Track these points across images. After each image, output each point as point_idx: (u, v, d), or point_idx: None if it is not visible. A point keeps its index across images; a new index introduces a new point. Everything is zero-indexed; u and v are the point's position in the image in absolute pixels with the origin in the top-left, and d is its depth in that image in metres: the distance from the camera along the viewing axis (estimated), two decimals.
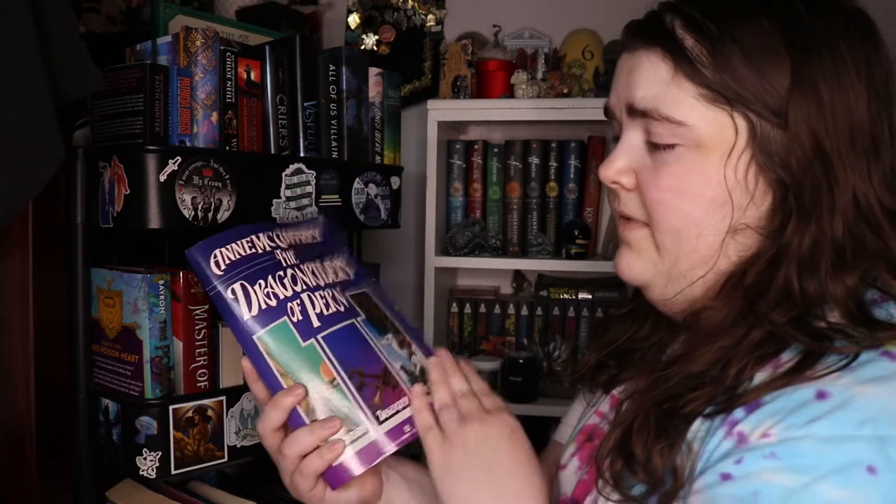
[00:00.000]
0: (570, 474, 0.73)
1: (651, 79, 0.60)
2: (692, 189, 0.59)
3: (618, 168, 0.64)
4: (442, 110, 1.78)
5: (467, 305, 1.91)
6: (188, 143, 1.02)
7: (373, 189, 1.28)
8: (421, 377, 0.73)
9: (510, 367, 1.76)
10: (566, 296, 1.87)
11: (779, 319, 0.55)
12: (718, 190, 0.58)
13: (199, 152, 1.01)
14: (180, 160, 0.98)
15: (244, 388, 1.10)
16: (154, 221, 0.97)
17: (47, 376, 0.98)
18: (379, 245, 1.94)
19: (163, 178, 0.97)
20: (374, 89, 1.29)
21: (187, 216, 0.99)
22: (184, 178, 0.99)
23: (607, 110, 0.67)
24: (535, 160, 1.85)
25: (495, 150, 1.88)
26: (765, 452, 0.50)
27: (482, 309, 1.91)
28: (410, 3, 2.01)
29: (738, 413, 0.53)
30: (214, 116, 1.05)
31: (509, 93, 1.81)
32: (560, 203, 1.85)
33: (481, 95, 1.84)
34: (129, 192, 0.97)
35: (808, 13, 0.57)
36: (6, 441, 0.98)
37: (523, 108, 1.74)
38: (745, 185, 0.58)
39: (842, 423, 0.49)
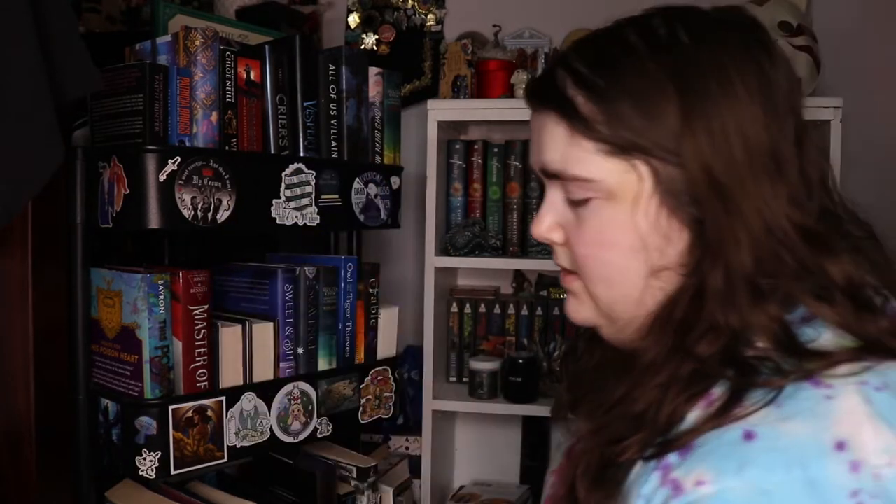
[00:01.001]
0: (547, 489, 0.74)
1: (554, 141, 0.62)
2: (611, 239, 0.61)
3: (546, 226, 0.66)
4: (442, 110, 1.77)
5: (467, 305, 1.91)
6: (188, 143, 1.02)
7: (373, 189, 1.28)
8: None
9: (510, 367, 1.76)
10: (566, 296, 1.86)
11: (705, 352, 0.56)
12: (634, 237, 0.59)
13: (199, 152, 1.01)
14: (180, 160, 0.98)
15: (244, 388, 1.10)
16: (153, 221, 0.97)
17: (47, 376, 0.98)
18: (379, 245, 1.94)
19: (162, 177, 0.97)
20: (374, 89, 1.29)
21: (187, 216, 0.99)
22: (183, 177, 0.99)
23: (531, 168, 0.70)
24: None
25: (495, 150, 1.87)
26: None
27: (482, 309, 1.91)
28: (410, 2, 2.01)
29: (672, 457, 0.53)
30: (214, 116, 1.05)
31: (509, 93, 1.80)
32: None
33: (481, 95, 1.84)
34: (128, 191, 0.97)
35: (693, 42, 0.58)
36: (6, 441, 0.98)
37: (523, 108, 1.72)
38: (658, 229, 0.59)
39: (772, 467, 0.49)
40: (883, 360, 0.52)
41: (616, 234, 0.60)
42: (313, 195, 1.17)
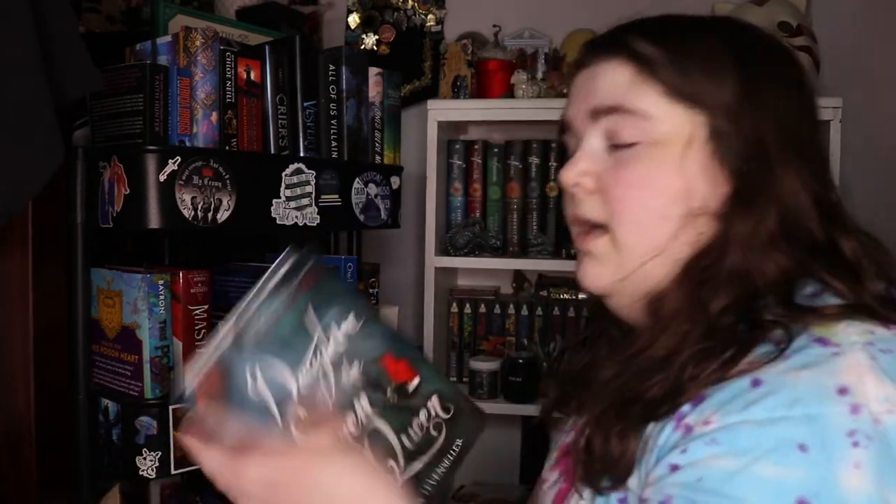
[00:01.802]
0: (550, 487, 0.74)
1: (616, 81, 0.65)
2: (654, 182, 0.63)
3: (579, 170, 0.66)
4: (442, 110, 1.78)
5: (467, 305, 1.91)
6: (188, 143, 1.02)
7: (373, 189, 1.28)
8: None
9: (510, 367, 1.76)
10: (566, 296, 1.86)
11: (718, 305, 0.59)
12: (679, 181, 0.62)
13: (199, 152, 1.01)
14: (180, 160, 0.98)
15: None
16: (154, 221, 0.97)
17: (47, 376, 0.98)
18: (379, 245, 1.94)
19: (162, 177, 0.97)
20: (374, 89, 1.29)
21: (187, 216, 0.99)
22: (183, 177, 0.99)
23: (563, 124, 0.71)
24: (535, 160, 1.85)
25: (495, 150, 1.88)
26: (706, 440, 0.53)
27: (482, 309, 1.91)
28: (410, 2, 2.01)
29: (685, 408, 0.56)
30: (214, 116, 1.05)
31: (509, 93, 1.80)
32: (560, 203, 1.85)
33: (481, 95, 1.84)
34: (128, 191, 0.97)
35: (742, 31, 0.67)
36: (6, 441, 0.98)
37: (523, 108, 1.74)
38: (703, 176, 0.62)
39: (774, 405, 0.52)
40: (875, 322, 0.55)
41: (660, 176, 0.63)
42: (313, 195, 1.17)
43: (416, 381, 0.65)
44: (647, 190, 0.63)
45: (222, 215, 1.04)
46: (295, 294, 0.61)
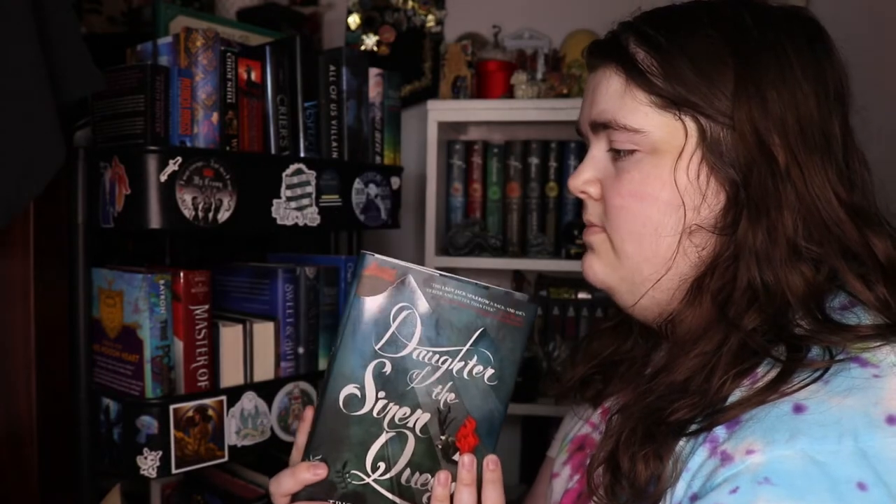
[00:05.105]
0: (562, 482, 0.74)
1: (608, 92, 0.64)
2: (650, 193, 0.62)
3: (584, 179, 0.67)
4: (442, 111, 1.78)
5: None
6: (189, 144, 1.03)
7: (373, 189, 1.28)
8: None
9: None
10: (566, 296, 1.87)
11: (750, 325, 0.56)
12: (672, 192, 0.61)
13: (200, 152, 1.02)
14: (181, 160, 0.99)
15: (244, 387, 1.10)
16: (154, 221, 0.97)
17: (48, 376, 0.98)
18: (379, 245, 1.94)
19: (163, 178, 0.97)
20: (375, 90, 1.29)
21: (188, 216, 1.00)
22: (184, 178, 0.99)
23: (578, 130, 0.71)
24: (534, 160, 1.85)
25: (495, 150, 1.88)
26: (758, 478, 0.49)
27: None
28: (410, 3, 2.02)
29: (720, 432, 0.53)
30: (215, 117, 1.05)
31: (509, 93, 1.81)
32: (560, 203, 1.85)
33: (481, 96, 1.84)
34: (129, 192, 0.98)
35: (754, 23, 0.61)
36: (7, 440, 0.99)
37: (523, 109, 1.74)
38: (698, 186, 0.60)
39: (822, 437, 0.49)
40: None
41: (655, 187, 0.61)
42: (314, 195, 1.17)
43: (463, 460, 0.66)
44: (642, 201, 0.62)
45: (223, 215, 1.04)
46: (493, 313, 0.65)
